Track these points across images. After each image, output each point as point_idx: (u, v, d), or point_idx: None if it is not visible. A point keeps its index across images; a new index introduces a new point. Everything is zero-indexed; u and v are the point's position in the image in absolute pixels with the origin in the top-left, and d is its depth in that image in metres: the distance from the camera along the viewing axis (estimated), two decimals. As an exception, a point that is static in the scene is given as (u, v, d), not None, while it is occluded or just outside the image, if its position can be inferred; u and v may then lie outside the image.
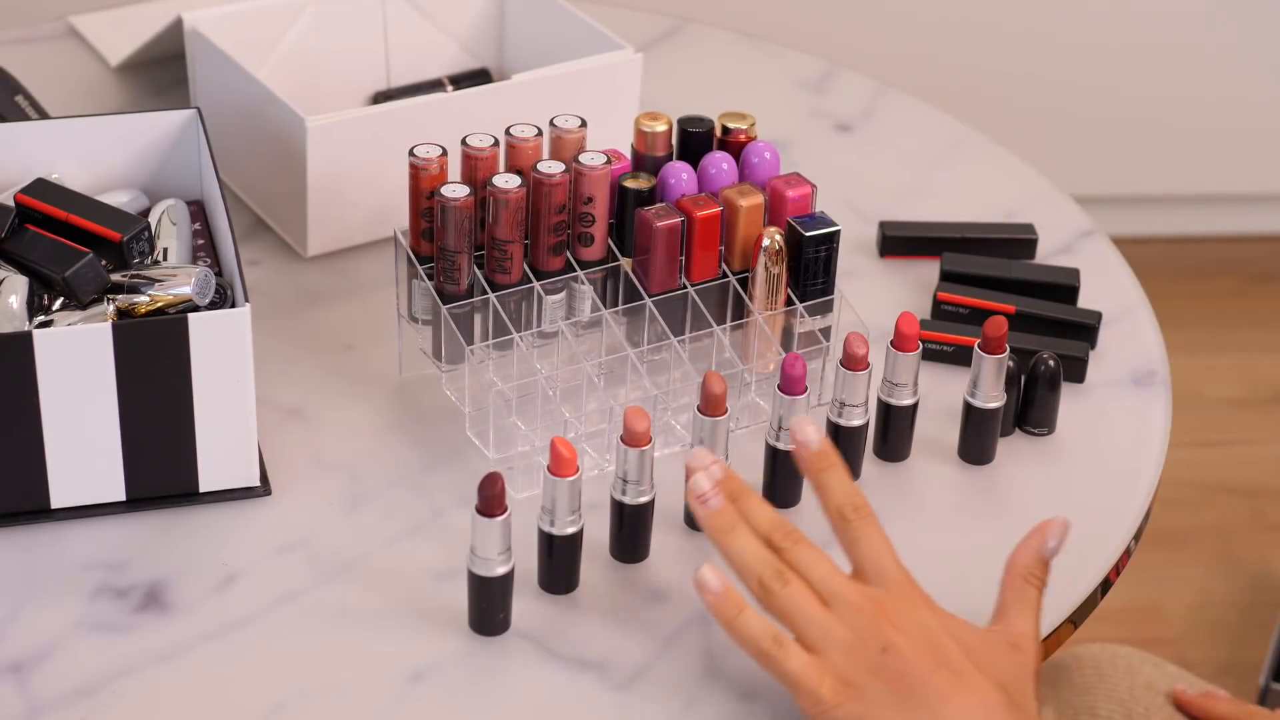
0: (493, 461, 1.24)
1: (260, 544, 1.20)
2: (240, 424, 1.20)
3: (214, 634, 1.14)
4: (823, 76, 1.66)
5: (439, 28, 1.57)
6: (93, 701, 1.10)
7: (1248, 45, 2.71)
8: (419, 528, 1.21)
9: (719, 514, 1.07)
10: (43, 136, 1.31)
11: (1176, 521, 2.38)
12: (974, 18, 2.65)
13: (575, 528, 1.15)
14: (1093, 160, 2.75)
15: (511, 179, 1.24)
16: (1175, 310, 2.10)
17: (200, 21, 1.47)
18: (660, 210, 1.26)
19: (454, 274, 1.25)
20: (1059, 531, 1.12)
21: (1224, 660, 2.22)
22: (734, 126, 1.33)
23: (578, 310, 1.28)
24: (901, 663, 1.04)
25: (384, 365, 1.32)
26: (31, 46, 1.64)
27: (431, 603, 1.16)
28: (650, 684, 1.12)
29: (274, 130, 1.39)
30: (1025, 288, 1.39)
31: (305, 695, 1.11)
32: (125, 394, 1.17)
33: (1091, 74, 2.70)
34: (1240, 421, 2.56)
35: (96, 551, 1.18)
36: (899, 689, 1.04)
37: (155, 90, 1.59)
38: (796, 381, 1.20)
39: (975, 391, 1.26)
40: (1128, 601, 2.27)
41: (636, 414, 1.15)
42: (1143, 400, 1.34)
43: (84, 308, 1.19)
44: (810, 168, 1.48)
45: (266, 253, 1.43)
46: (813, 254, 1.28)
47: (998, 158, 1.57)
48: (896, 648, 1.04)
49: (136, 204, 1.32)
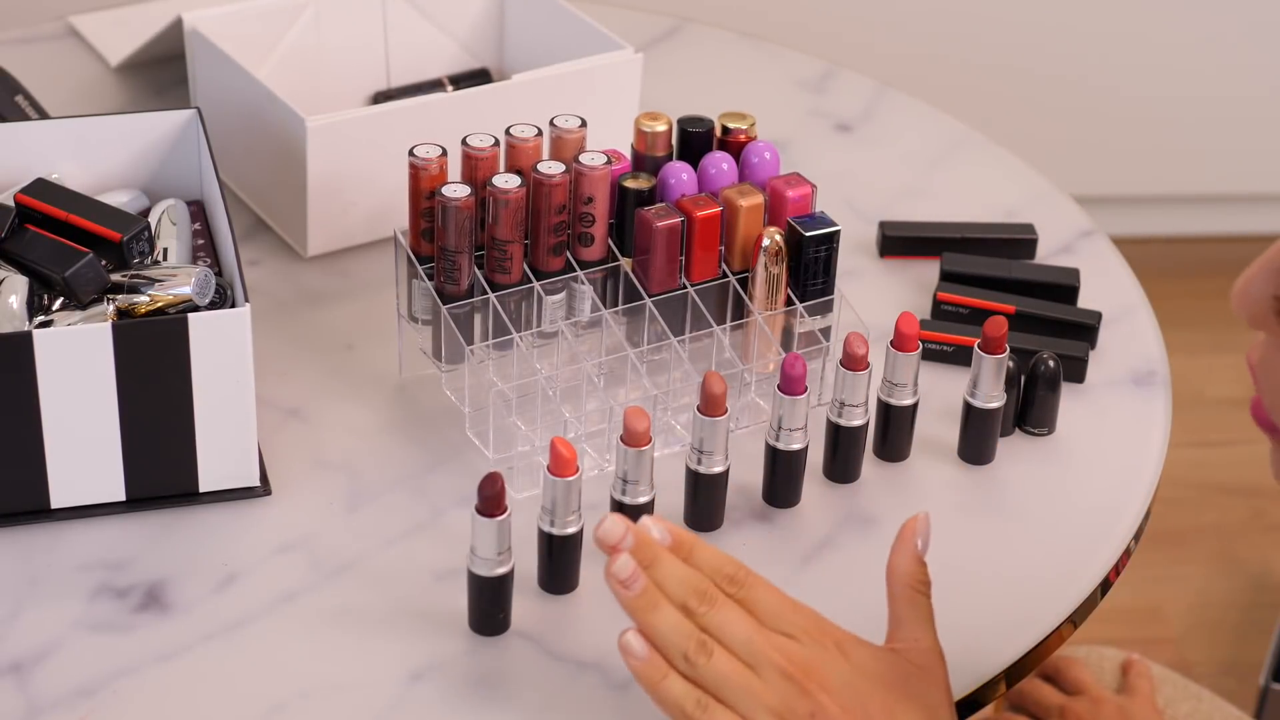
0: (493, 461, 1.24)
1: (260, 544, 1.20)
2: (240, 424, 1.20)
3: (214, 634, 1.14)
4: (823, 76, 1.66)
5: (439, 28, 1.57)
6: (93, 701, 1.10)
7: (1247, 46, 2.71)
8: (419, 528, 1.21)
9: (639, 596, 1.06)
10: (43, 136, 1.31)
11: (1176, 521, 2.38)
12: (974, 18, 2.65)
13: (575, 528, 1.15)
14: (1093, 160, 2.75)
15: (511, 179, 1.24)
16: (1175, 310, 2.10)
17: (200, 21, 1.47)
18: (660, 210, 1.26)
19: (454, 274, 1.25)
20: (924, 529, 1.11)
21: (1224, 660, 2.22)
22: (734, 126, 1.33)
23: (578, 310, 1.28)
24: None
25: (384, 365, 1.32)
26: (31, 46, 1.64)
27: (431, 603, 1.16)
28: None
29: (274, 130, 1.39)
30: (1025, 288, 1.39)
31: (305, 695, 1.11)
32: (125, 394, 1.17)
33: (1091, 74, 2.70)
34: (1240, 421, 2.56)
35: (96, 551, 1.18)
36: None
37: (155, 90, 1.59)
38: (796, 381, 1.20)
39: (975, 391, 1.26)
40: (1128, 601, 2.27)
41: (636, 414, 1.15)
42: (1143, 400, 1.34)
43: (84, 308, 1.19)
44: (810, 168, 1.48)
45: (266, 253, 1.43)
46: (813, 254, 1.28)
47: (998, 158, 1.57)
48: (824, 711, 1.05)
49: (136, 204, 1.32)
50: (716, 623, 1.06)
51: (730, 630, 1.06)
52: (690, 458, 1.20)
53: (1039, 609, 1.18)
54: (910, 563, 1.10)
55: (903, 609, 1.10)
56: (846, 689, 1.05)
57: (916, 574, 1.10)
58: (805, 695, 1.04)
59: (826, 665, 1.06)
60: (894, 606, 1.10)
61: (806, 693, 1.05)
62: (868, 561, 1.19)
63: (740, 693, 1.05)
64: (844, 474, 1.25)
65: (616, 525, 1.05)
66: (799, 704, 1.04)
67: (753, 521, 1.23)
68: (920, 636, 1.09)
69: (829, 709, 1.05)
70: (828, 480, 1.26)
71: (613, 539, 1.05)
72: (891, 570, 1.11)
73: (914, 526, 1.11)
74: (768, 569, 1.19)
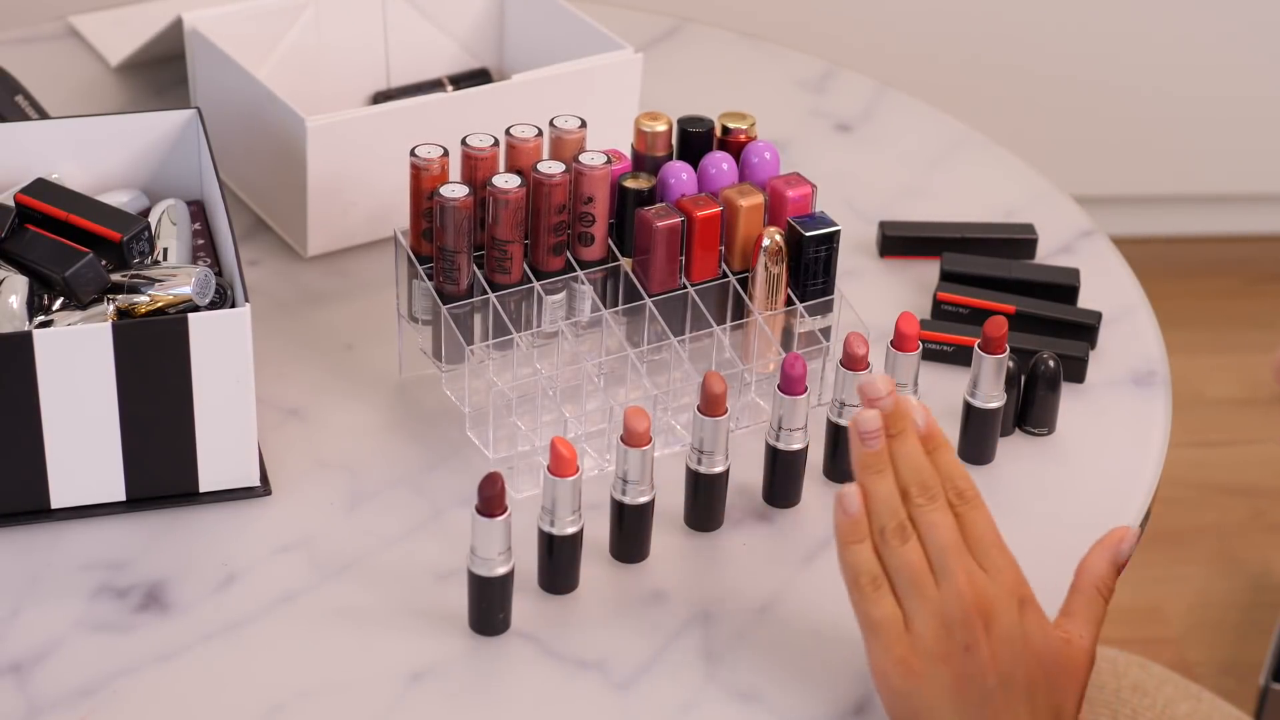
0: (493, 461, 1.24)
1: (260, 544, 1.20)
2: (240, 424, 1.20)
3: (214, 634, 1.14)
4: (823, 76, 1.66)
5: (439, 28, 1.57)
6: (93, 701, 1.10)
7: (1247, 46, 2.71)
8: (419, 528, 1.21)
9: (872, 455, 1.08)
10: (43, 136, 1.31)
11: (1176, 521, 2.38)
12: (974, 18, 2.65)
13: (575, 528, 1.15)
14: (1093, 160, 2.75)
15: (511, 179, 1.24)
16: (1175, 310, 2.10)
17: (200, 21, 1.47)
18: (660, 210, 1.26)
19: (454, 274, 1.25)
20: (1131, 539, 1.14)
21: (1224, 660, 2.22)
22: (734, 126, 1.33)
23: (578, 310, 1.28)
24: (976, 666, 1.06)
25: (384, 365, 1.32)
26: (31, 46, 1.64)
27: (431, 603, 1.16)
28: (650, 684, 1.12)
29: (274, 130, 1.39)
30: (1025, 288, 1.39)
31: (305, 695, 1.11)
32: (125, 394, 1.16)
33: (1091, 74, 2.70)
34: (1240, 421, 2.56)
35: (96, 551, 1.18)
36: (960, 688, 1.06)
37: (155, 90, 1.59)
38: (796, 381, 1.20)
39: (975, 391, 1.26)
40: (1128, 601, 2.27)
41: (636, 414, 1.15)
42: (1143, 400, 1.34)
43: (84, 308, 1.19)
44: (810, 168, 1.48)
45: (266, 253, 1.43)
46: (813, 254, 1.28)
47: (998, 158, 1.57)
48: (978, 651, 1.06)
49: (136, 204, 1.32)
50: (927, 521, 1.07)
51: (936, 534, 1.07)
52: (690, 458, 1.20)
53: (1039, 609, 1.18)
54: (1104, 565, 1.13)
55: (1080, 603, 1.12)
56: (1006, 644, 1.06)
57: (1106, 577, 1.13)
58: (968, 625, 1.06)
59: (1001, 611, 1.07)
60: (1073, 598, 1.12)
61: (970, 624, 1.06)
62: (868, 561, 1.19)
63: (915, 590, 1.06)
64: (844, 474, 1.25)
65: (883, 383, 1.08)
66: (960, 630, 1.05)
67: (753, 521, 1.23)
68: (1085, 635, 1.10)
69: (982, 650, 1.06)
70: (828, 480, 1.26)
71: (874, 393, 1.07)
72: (1084, 565, 1.13)
73: (1122, 534, 1.14)
74: (768, 569, 1.20)
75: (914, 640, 1.06)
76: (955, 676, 1.06)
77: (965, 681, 1.06)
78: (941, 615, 1.06)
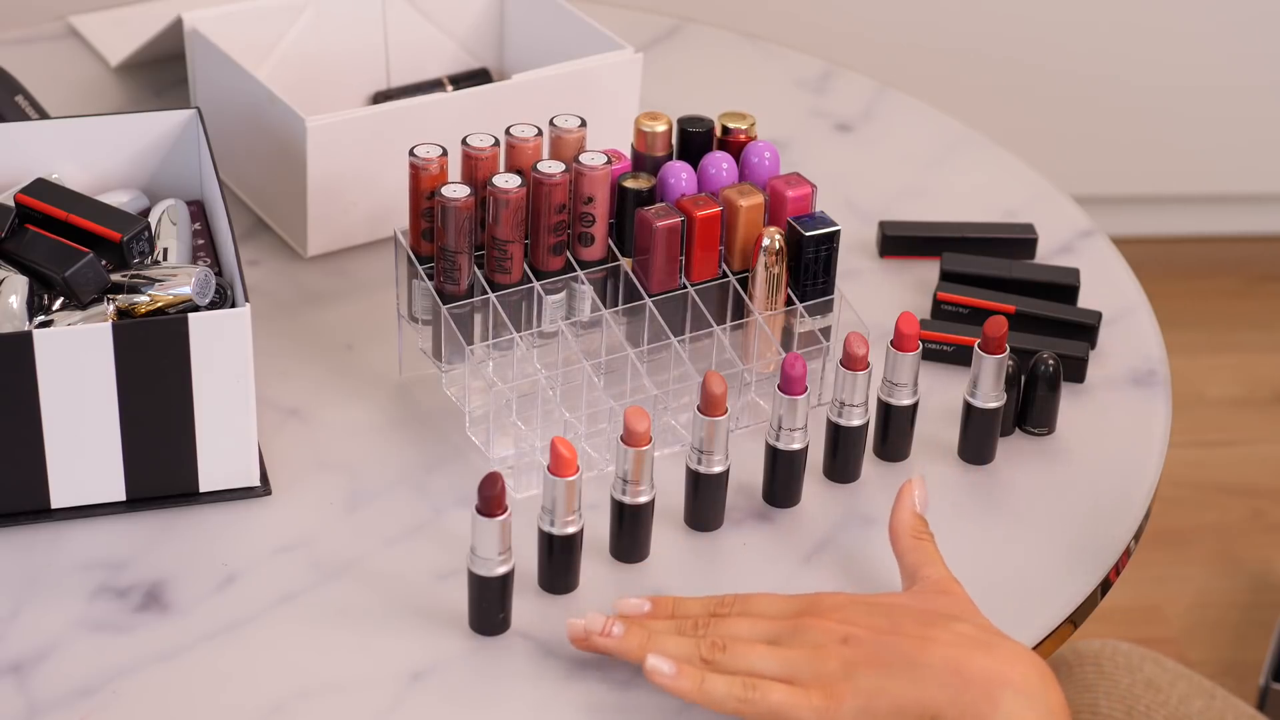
0: (493, 461, 1.24)
1: (260, 544, 1.20)
2: (240, 424, 1.20)
3: (214, 634, 1.14)
4: (823, 76, 1.66)
5: (439, 28, 1.57)
6: (93, 701, 1.10)
7: (1248, 46, 2.71)
8: (419, 528, 1.21)
9: (627, 636, 1.09)
10: (43, 136, 1.31)
11: (1176, 521, 2.38)
12: (974, 18, 2.65)
13: (575, 528, 1.15)
14: (1093, 160, 2.75)
15: (511, 179, 1.24)
16: (1175, 310, 2.10)
17: (200, 21, 1.47)
18: (660, 210, 1.26)
19: (454, 274, 1.25)
20: (920, 485, 1.16)
21: (1224, 660, 2.22)
22: (734, 126, 1.33)
23: (578, 310, 1.28)
24: (869, 643, 1.06)
25: (384, 365, 1.32)
26: (31, 46, 1.64)
27: (431, 603, 1.16)
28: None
29: (274, 130, 1.39)
30: (1025, 288, 1.39)
31: (305, 695, 1.11)
32: (125, 394, 1.17)
33: (1091, 74, 2.70)
34: (1240, 421, 2.56)
35: (96, 551, 1.18)
36: (879, 663, 1.06)
37: (155, 90, 1.59)
38: (796, 381, 1.20)
39: (975, 391, 1.26)
40: (1128, 601, 2.27)
41: (636, 414, 1.15)
42: (1143, 400, 1.34)
43: (84, 308, 1.19)
44: (810, 168, 1.48)
45: (266, 253, 1.43)
46: (813, 254, 1.28)
47: (998, 158, 1.57)
48: (854, 635, 1.07)
49: (136, 204, 1.32)
50: (720, 630, 1.09)
51: (736, 629, 1.09)
52: (690, 458, 1.20)
53: (1039, 609, 1.18)
54: (909, 515, 1.15)
55: (910, 556, 1.13)
56: (866, 614, 1.08)
57: (916, 524, 1.14)
58: (828, 632, 1.07)
59: (846, 606, 1.08)
60: (903, 559, 1.14)
61: (827, 630, 1.07)
62: (868, 561, 1.19)
63: (769, 663, 1.06)
64: (844, 474, 1.25)
65: (595, 618, 1.10)
66: (827, 640, 1.06)
67: (753, 521, 1.23)
68: (931, 572, 1.12)
69: (857, 632, 1.06)
70: (828, 480, 1.26)
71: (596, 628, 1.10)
72: (893, 528, 1.15)
73: (909, 488, 1.16)
74: (768, 569, 1.20)
75: (810, 680, 1.06)
76: (865, 663, 1.06)
77: (874, 658, 1.06)
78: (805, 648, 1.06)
